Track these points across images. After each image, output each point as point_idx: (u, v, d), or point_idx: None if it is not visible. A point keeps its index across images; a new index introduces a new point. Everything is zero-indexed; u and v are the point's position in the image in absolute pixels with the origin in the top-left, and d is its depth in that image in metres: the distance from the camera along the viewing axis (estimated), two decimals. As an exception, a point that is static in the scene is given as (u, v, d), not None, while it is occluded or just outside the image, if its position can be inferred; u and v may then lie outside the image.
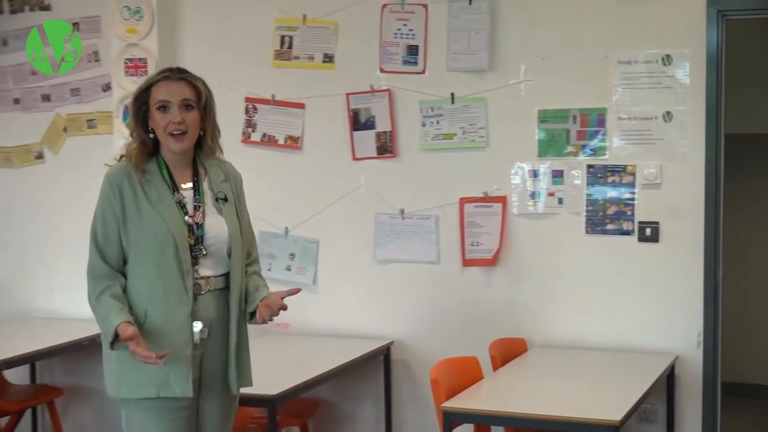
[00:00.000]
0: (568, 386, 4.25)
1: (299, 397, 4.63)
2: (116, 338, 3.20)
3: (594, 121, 4.78)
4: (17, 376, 5.73)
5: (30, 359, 5.41)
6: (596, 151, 4.78)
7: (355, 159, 5.18)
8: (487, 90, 4.93)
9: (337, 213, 5.23)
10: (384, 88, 5.10)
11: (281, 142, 5.31)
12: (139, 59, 5.38)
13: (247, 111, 5.36)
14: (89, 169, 5.63)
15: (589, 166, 4.80)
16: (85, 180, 5.64)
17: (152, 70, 5.28)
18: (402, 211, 5.10)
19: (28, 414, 5.79)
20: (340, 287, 5.27)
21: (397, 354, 5.16)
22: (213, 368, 3.41)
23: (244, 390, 3.89)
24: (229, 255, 3.42)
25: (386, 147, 5.11)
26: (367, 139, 5.14)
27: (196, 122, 3.36)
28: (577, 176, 4.82)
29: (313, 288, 5.29)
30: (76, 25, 5.68)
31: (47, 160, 5.84)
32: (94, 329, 5.35)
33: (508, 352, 4.68)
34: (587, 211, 4.81)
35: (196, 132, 3.38)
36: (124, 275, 3.34)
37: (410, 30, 5.04)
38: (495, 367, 4.55)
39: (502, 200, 4.93)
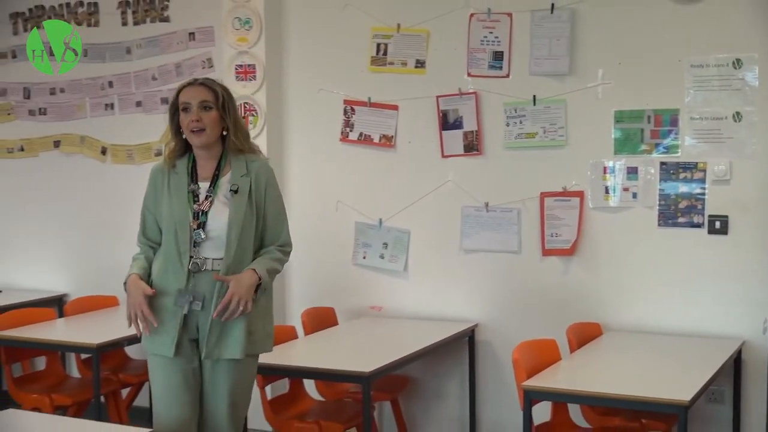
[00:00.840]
0: (640, 368, 4.23)
1: (391, 374, 4.66)
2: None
3: (667, 121, 4.75)
4: (137, 352, 5.77)
5: (149, 336, 5.60)
6: (669, 149, 4.76)
7: (443, 156, 5.21)
8: (567, 92, 4.93)
9: (427, 206, 5.26)
10: (471, 91, 5.12)
11: (376, 140, 5.36)
12: (248, 65, 5.45)
13: (345, 112, 5.41)
14: (203, 165, 5.83)
15: (662, 163, 4.76)
16: (199, 175, 5.86)
17: (260, 75, 5.40)
18: (486, 204, 5.13)
19: (146, 386, 5.84)
20: (428, 274, 5.30)
21: (480, 336, 5.17)
22: (209, 336, 3.61)
23: (341, 366, 4.10)
24: (227, 240, 3.63)
25: (472, 145, 5.14)
26: (455, 138, 5.17)
27: (214, 120, 3.62)
28: (651, 172, 4.79)
29: (404, 274, 5.34)
30: (192, 34, 5.78)
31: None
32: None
33: (584, 335, 4.67)
34: (660, 205, 4.78)
35: (215, 129, 3.63)
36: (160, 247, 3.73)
37: (496, 37, 5.06)
38: (572, 349, 4.55)
39: (580, 195, 4.93)
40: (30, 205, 6.38)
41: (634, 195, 4.84)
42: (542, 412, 4.25)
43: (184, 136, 3.67)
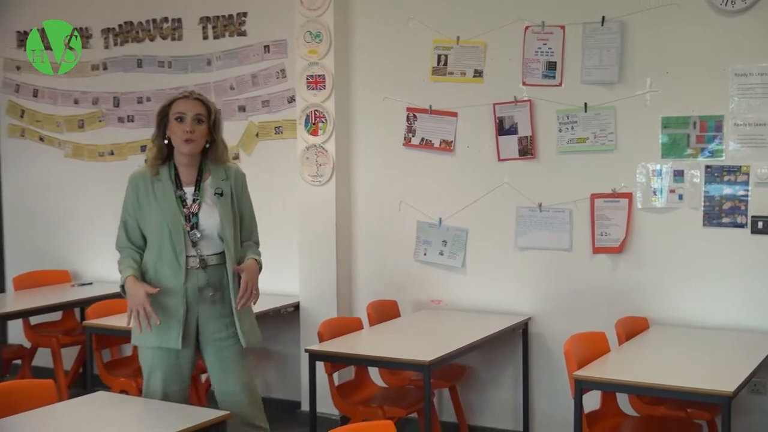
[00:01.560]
0: (686, 360, 4.20)
1: (450, 363, 4.69)
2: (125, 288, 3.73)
3: (712, 127, 4.72)
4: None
5: (226, 326, 5.68)
6: (713, 153, 4.72)
7: (499, 160, 5.22)
8: (616, 100, 4.91)
9: (484, 206, 5.27)
10: (526, 98, 5.13)
11: (436, 145, 5.38)
12: (319, 75, 5.49)
13: (408, 119, 5.44)
14: (276, 168, 5.85)
15: (707, 167, 4.73)
16: (272, 177, 5.87)
17: (329, 85, 5.46)
18: (540, 205, 5.13)
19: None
20: (485, 270, 5.31)
21: (534, 328, 5.18)
22: (207, 328, 3.81)
23: (403, 355, 4.18)
24: (221, 238, 3.79)
25: (527, 149, 5.15)
26: (510, 143, 5.18)
27: (203, 133, 3.77)
28: (696, 175, 4.76)
29: (462, 270, 5.36)
30: (267, 47, 5.84)
31: (242, 160, 5.97)
32: (280, 302, 5.68)
33: (632, 329, 4.64)
34: (704, 206, 4.74)
35: (203, 141, 3.78)
36: (143, 251, 3.81)
37: (549, 48, 5.05)
38: (620, 342, 4.53)
39: (629, 196, 4.91)
40: (118, 206, 6.46)
41: (680, 197, 4.81)
42: (592, 401, 4.25)
43: (167, 143, 3.80)
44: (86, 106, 6.63)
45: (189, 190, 3.81)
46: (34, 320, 6.01)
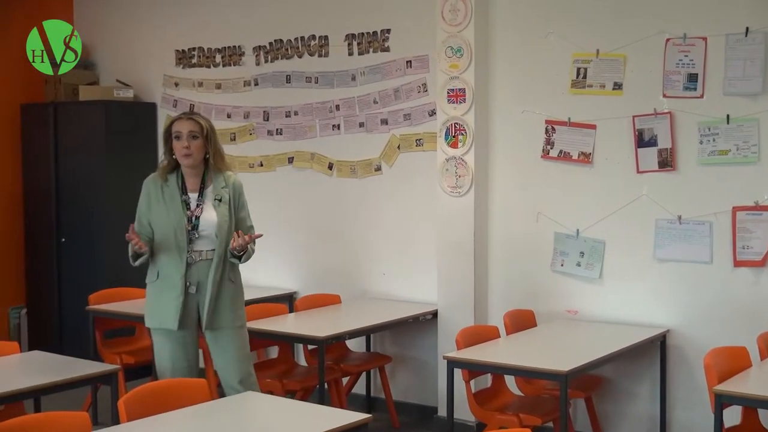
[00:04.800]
0: None
1: (586, 373, 4.63)
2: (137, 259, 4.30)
3: None
4: (356, 345, 6.01)
5: (366, 332, 5.67)
6: None
7: (638, 172, 5.10)
8: (760, 111, 4.74)
9: (622, 218, 5.16)
10: (666, 111, 5.00)
11: (575, 157, 5.31)
12: (459, 89, 5.49)
13: (546, 131, 5.38)
14: (416, 179, 5.89)
15: None
16: (412, 188, 5.92)
17: (469, 98, 5.45)
18: (679, 217, 4.98)
19: (363, 375, 6.06)
20: (622, 281, 5.19)
21: (672, 341, 5.03)
22: (205, 312, 4.32)
23: (540, 365, 4.25)
24: (217, 237, 4.32)
25: (666, 161, 5.01)
26: (649, 155, 5.05)
27: (199, 147, 4.31)
28: None
29: (599, 281, 5.26)
30: (409, 62, 5.88)
31: (384, 171, 6.06)
32: (418, 309, 5.71)
33: (775, 344, 4.45)
34: None
35: (200, 154, 4.32)
36: (151, 239, 4.33)
37: (691, 60, 4.92)
38: (762, 357, 4.35)
39: (772, 209, 4.73)
40: (266, 214, 6.60)
41: (827, 210, 4.60)
42: (732, 416, 4.11)
43: (174, 157, 4.33)
44: (238, 120, 6.82)
45: (193, 196, 4.36)
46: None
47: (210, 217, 4.33)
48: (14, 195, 7.53)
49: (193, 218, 4.31)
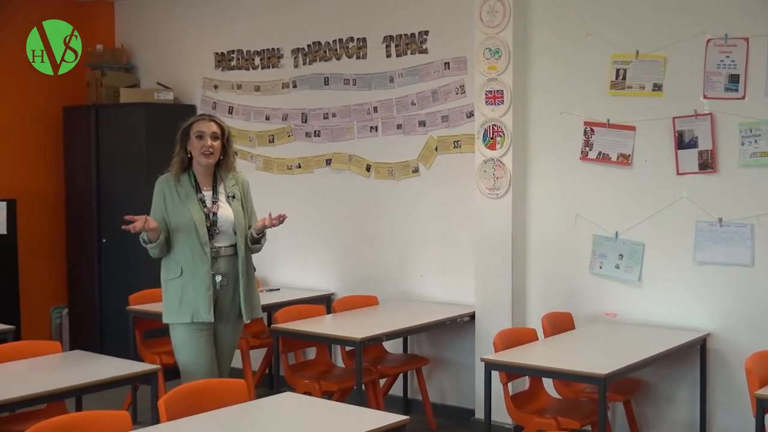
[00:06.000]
0: None
1: (625, 376, 4.59)
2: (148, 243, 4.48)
3: None
4: (393, 347, 6.01)
5: (403, 333, 5.66)
6: None
7: (678, 174, 5.05)
8: (804, 113, 4.67)
9: (661, 220, 5.12)
10: (706, 112, 4.95)
11: (614, 159, 5.27)
12: (497, 91, 5.47)
13: (585, 133, 5.35)
14: (454, 181, 5.88)
15: None
16: (450, 189, 5.91)
17: (507, 100, 5.43)
18: (720, 220, 4.92)
19: (400, 377, 6.05)
20: (662, 284, 5.14)
21: (712, 344, 4.97)
22: (226, 304, 4.54)
23: (578, 368, 4.18)
24: (235, 232, 4.55)
25: (707, 163, 4.96)
26: (689, 157, 5.00)
27: (218, 148, 4.54)
28: None
29: (638, 284, 5.21)
30: (447, 64, 5.87)
31: (421, 173, 6.06)
32: (455, 311, 5.70)
33: (819, 348, 4.38)
34: None
35: (218, 154, 4.55)
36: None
37: (732, 61, 4.86)
38: (805, 362, 4.29)
39: (816, 212, 4.67)
40: (305, 216, 6.66)
41: None
42: (774, 421, 4.05)
43: (189, 156, 4.53)
44: (276, 122, 6.85)
45: (207, 194, 4.56)
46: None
47: (227, 213, 4.55)
48: (57, 196, 7.65)
49: (211, 215, 4.52)
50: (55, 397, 3.92)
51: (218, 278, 4.50)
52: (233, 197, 4.60)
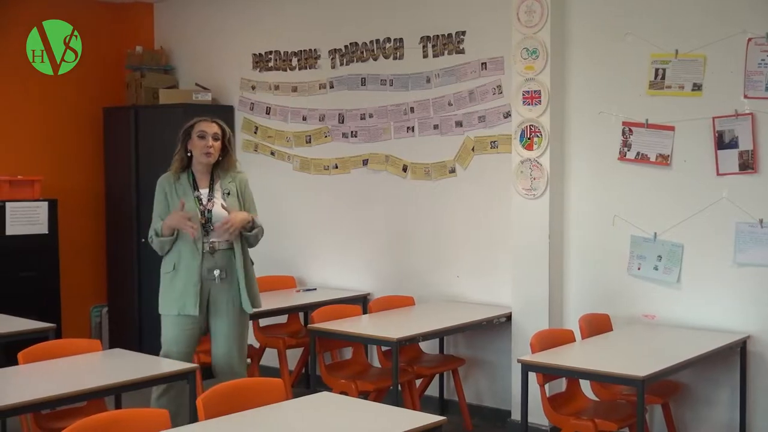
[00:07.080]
0: None
1: (663, 378, 4.56)
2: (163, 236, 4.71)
3: None
4: (429, 347, 6.01)
5: (440, 334, 5.67)
6: None
7: (718, 174, 4.99)
8: None
9: (701, 221, 5.07)
10: (747, 112, 4.89)
11: (652, 159, 5.23)
12: (534, 91, 5.45)
13: (623, 133, 5.31)
14: (491, 181, 5.87)
15: None
16: (486, 190, 5.90)
17: (545, 100, 5.41)
18: (761, 221, 4.87)
19: (436, 378, 6.07)
20: (701, 286, 5.10)
21: (753, 347, 4.91)
22: (220, 297, 4.75)
23: (616, 369, 4.14)
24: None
25: (747, 164, 4.90)
26: (730, 157, 4.95)
27: (218, 148, 4.78)
28: None
29: (677, 285, 5.17)
30: (484, 64, 5.86)
31: (458, 173, 6.05)
32: (492, 312, 5.69)
33: None
34: None
35: (218, 154, 4.78)
36: None
37: (773, 60, 4.81)
38: None
39: None
40: (342, 216, 6.70)
41: None
42: (815, 425, 4.00)
43: (189, 155, 4.76)
44: (313, 122, 6.88)
45: (204, 192, 4.79)
46: (263, 322, 6.28)
47: (221, 210, 4.75)
48: (97, 196, 7.73)
49: (206, 212, 4.73)
50: (95, 395, 3.97)
51: (216, 272, 4.72)
52: (228, 193, 4.81)
